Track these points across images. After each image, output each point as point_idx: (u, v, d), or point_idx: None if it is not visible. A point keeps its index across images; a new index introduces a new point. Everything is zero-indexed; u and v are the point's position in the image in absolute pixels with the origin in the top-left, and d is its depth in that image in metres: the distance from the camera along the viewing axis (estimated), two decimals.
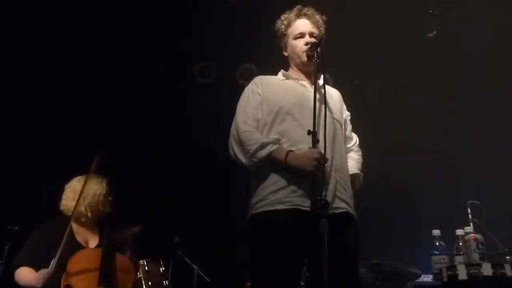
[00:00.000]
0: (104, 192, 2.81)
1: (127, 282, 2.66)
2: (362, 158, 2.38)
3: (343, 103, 2.40)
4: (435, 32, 4.48)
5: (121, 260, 2.71)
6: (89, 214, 2.76)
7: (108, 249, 2.65)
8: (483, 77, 4.57)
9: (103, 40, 4.33)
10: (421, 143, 4.82)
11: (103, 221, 2.84)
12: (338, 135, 2.17)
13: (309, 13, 2.32)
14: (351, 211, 2.06)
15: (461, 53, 4.48)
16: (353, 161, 2.29)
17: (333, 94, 2.34)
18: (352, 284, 1.96)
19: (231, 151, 2.11)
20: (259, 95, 2.20)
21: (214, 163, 4.13)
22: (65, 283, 2.46)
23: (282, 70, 2.36)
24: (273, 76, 2.34)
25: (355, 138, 2.41)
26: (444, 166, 4.82)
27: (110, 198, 2.84)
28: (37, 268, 2.53)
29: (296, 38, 2.28)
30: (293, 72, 2.33)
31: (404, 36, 4.50)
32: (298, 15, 2.32)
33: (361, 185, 2.27)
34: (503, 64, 4.41)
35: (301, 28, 2.28)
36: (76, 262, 2.52)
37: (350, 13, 4.03)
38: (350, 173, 2.19)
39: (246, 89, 2.28)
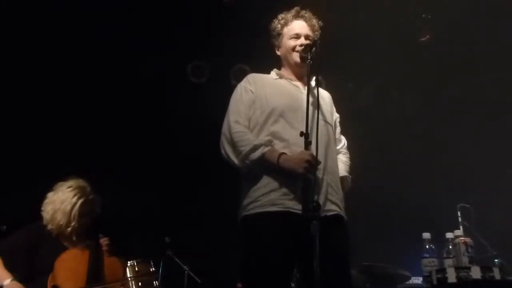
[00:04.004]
0: (74, 222, 2.66)
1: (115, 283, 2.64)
2: (351, 161, 2.38)
3: (333, 105, 2.40)
4: (428, 36, 4.51)
5: (109, 260, 2.69)
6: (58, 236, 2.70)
7: (95, 250, 2.64)
8: (477, 79, 4.59)
9: (99, 40, 4.30)
10: (412, 146, 4.84)
11: (89, 226, 2.79)
12: (330, 138, 2.18)
13: (306, 15, 2.33)
14: (342, 213, 2.06)
15: (455, 54, 4.52)
16: (342, 164, 2.29)
17: (324, 97, 2.34)
18: (344, 286, 1.96)
19: (222, 151, 2.10)
20: (252, 93, 2.19)
21: (206, 163, 4.12)
22: (52, 284, 2.44)
23: (275, 69, 2.36)
24: (266, 75, 2.33)
25: (343, 141, 2.42)
26: (434, 170, 4.84)
27: (84, 220, 2.71)
28: (9, 263, 2.50)
29: (291, 38, 2.28)
30: (286, 72, 2.32)
31: (397, 40, 4.52)
32: (296, 16, 2.32)
33: (349, 187, 2.28)
34: (500, 65, 4.43)
35: (297, 30, 2.28)
36: (63, 262, 2.50)
37: (345, 15, 4.04)
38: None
39: (238, 86, 2.27)
